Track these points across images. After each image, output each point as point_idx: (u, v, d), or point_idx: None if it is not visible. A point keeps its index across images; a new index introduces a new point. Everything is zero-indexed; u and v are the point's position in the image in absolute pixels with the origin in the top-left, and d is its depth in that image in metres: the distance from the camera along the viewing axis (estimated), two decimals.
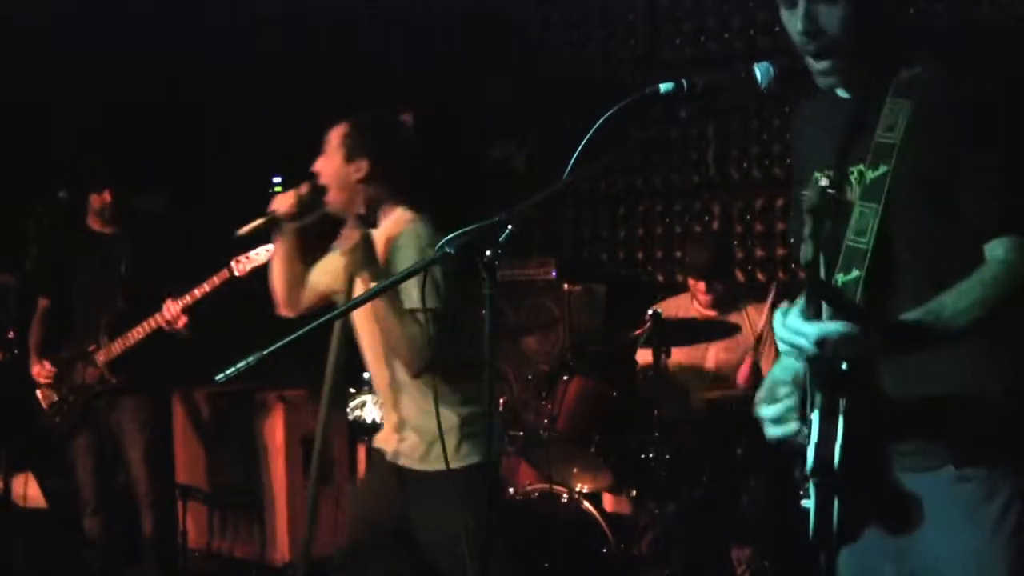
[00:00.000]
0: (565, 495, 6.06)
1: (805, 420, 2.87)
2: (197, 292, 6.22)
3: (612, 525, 5.94)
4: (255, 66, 8.17)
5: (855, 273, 2.76)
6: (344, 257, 4.35)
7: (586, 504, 6.01)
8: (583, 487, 6.23)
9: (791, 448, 2.94)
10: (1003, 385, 2.79)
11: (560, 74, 8.40)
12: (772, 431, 2.95)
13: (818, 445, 2.75)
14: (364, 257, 4.29)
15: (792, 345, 2.63)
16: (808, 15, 2.77)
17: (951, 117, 2.74)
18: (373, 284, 4.27)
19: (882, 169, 2.76)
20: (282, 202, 4.58)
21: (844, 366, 2.71)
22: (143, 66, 7.96)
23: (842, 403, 2.75)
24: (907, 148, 2.74)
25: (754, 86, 2.91)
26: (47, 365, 6.55)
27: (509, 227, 2.71)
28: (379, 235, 4.47)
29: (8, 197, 7.40)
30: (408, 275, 2.81)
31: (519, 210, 2.78)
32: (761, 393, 3.03)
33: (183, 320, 6.26)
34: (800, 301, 2.65)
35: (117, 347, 6.42)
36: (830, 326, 2.59)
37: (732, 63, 7.63)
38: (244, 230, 4.67)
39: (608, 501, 6.53)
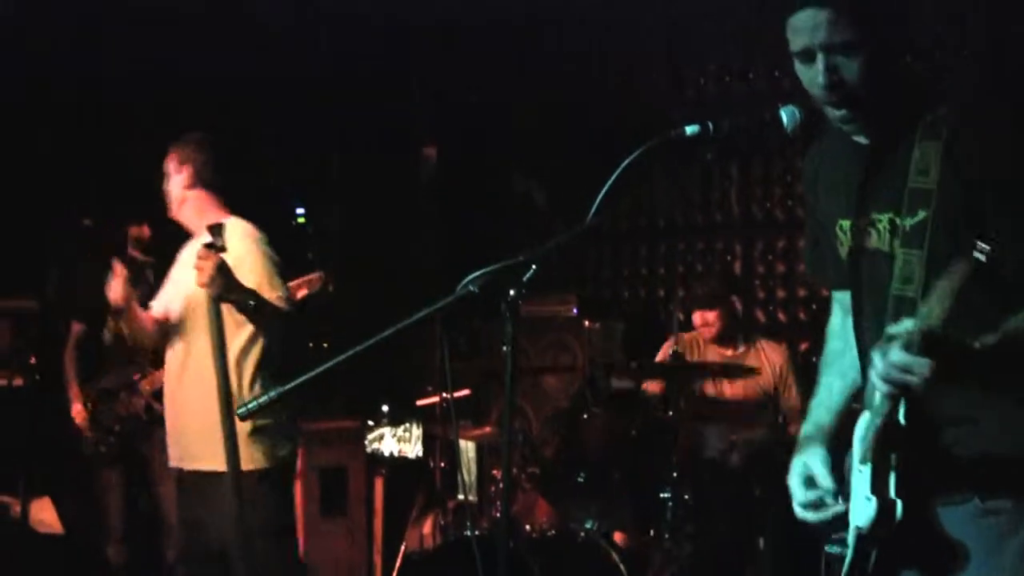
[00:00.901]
0: (582, 533, 6.04)
1: (843, 489, 2.91)
2: None
3: (629, 564, 5.91)
4: (274, 99, 8.21)
5: (907, 322, 2.75)
6: (204, 287, 4.45)
7: (603, 542, 5.98)
8: (601, 526, 6.20)
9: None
10: None
11: (584, 110, 8.43)
12: (805, 515, 3.00)
13: (880, 503, 2.76)
14: (226, 283, 4.45)
15: (899, 381, 2.59)
16: (829, 68, 2.77)
17: (983, 158, 2.73)
18: (242, 304, 4.54)
19: (921, 215, 2.74)
20: (115, 292, 4.89)
21: (902, 420, 2.71)
22: (166, 94, 8.00)
23: (893, 458, 2.76)
24: (944, 192, 2.72)
25: (780, 130, 2.91)
26: (87, 408, 6.52)
27: (533, 267, 2.72)
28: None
29: (29, 222, 7.44)
30: (427, 315, 2.78)
31: (543, 250, 2.78)
32: (795, 468, 3.05)
33: None
34: (902, 338, 2.61)
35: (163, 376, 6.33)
36: (936, 360, 2.54)
37: (756, 103, 7.65)
38: (108, 337, 5.45)
39: (625, 539, 6.50)
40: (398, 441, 7.46)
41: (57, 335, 6.82)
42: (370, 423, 7.38)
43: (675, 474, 5.85)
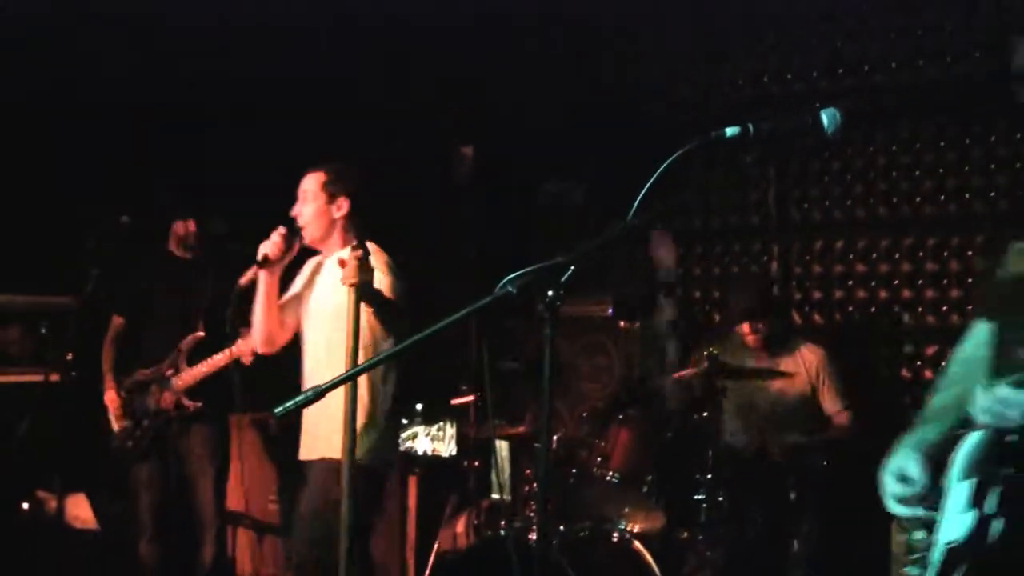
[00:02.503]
0: (615, 534, 6.03)
1: (935, 496, 2.95)
2: None
3: (662, 565, 5.90)
4: (307, 98, 8.22)
5: None
6: (349, 281, 4.87)
7: (636, 544, 5.97)
8: (634, 527, 6.19)
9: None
10: None
11: (619, 111, 8.40)
12: (899, 509, 3.06)
13: (977, 517, 2.77)
14: (368, 283, 4.91)
15: (998, 415, 2.67)
16: None
17: None
18: (377, 302, 5.04)
19: None
20: (270, 247, 5.37)
21: (1012, 439, 2.72)
22: (197, 94, 8.02)
23: (999, 476, 2.78)
24: None
25: (820, 131, 2.90)
26: (120, 395, 6.61)
27: (571, 268, 2.72)
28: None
29: (68, 219, 7.47)
30: (465, 316, 2.79)
31: (581, 252, 2.77)
32: (889, 467, 3.11)
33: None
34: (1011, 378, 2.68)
35: (196, 373, 6.41)
36: None
37: (792, 105, 7.62)
38: (246, 280, 5.57)
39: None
40: (432, 440, 7.47)
41: (96, 331, 6.86)
42: (404, 421, 7.38)
43: (709, 476, 5.84)
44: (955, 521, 2.81)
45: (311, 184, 5.50)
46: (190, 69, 7.93)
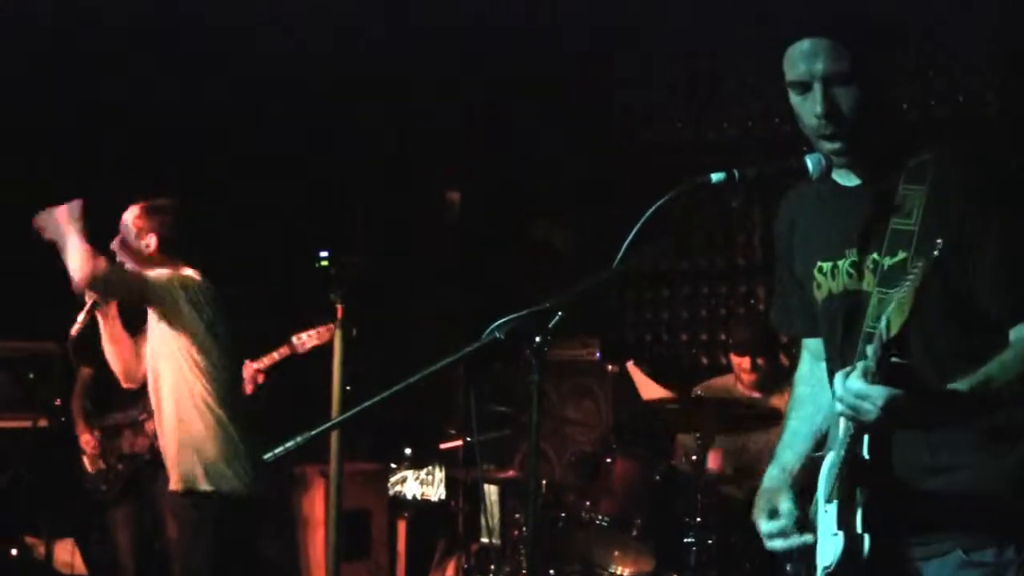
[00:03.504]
0: None
1: (808, 523, 2.94)
2: (266, 360, 6.45)
3: None
4: (299, 140, 8.24)
5: (868, 349, 2.74)
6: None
7: None
8: (624, 570, 6.17)
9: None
10: (1010, 472, 2.81)
11: (606, 155, 8.44)
12: (774, 544, 3.04)
13: (848, 538, 2.76)
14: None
15: (854, 408, 2.62)
16: (826, 97, 2.81)
17: (966, 202, 2.77)
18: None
19: (900, 256, 2.77)
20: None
21: (865, 455, 2.72)
22: (188, 132, 8.03)
23: (859, 493, 2.76)
24: (925, 234, 2.73)
25: (805, 175, 2.93)
26: (95, 436, 6.58)
27: (558, 314, 2.73)
28: None
29: (54, 265, 7.48)
30: (454, 361, 2.79)
31: (568, 296, 2.79)
32: (759, 505, 3.11)
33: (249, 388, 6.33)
34: (860, 365, 2.64)
35: None
36: (895, 391, 2.57)
37: (778, 148, 7.64)
38: (76, 329, 5.69)
39: None
40: (421, 484, 7.46)
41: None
42: (393, 466, 7.38)
43: (698, 519, 5.83)
44: (828, 545, 2.81)
45: (127, 217, 5.51)
46: (176, 114, 7.95)
